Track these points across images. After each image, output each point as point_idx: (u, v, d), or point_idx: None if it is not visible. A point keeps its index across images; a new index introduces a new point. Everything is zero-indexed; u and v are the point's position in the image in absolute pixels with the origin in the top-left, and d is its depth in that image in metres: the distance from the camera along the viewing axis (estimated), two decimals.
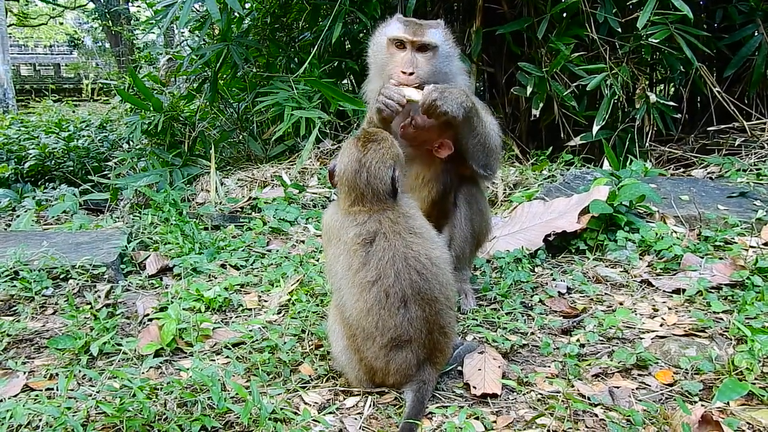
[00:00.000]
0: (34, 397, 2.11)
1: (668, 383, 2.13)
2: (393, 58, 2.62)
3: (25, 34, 33.12)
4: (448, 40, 2.69)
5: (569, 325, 2.62)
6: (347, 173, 2.09)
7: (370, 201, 2.07)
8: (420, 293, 2.00)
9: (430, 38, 2.59)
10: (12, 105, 14.07)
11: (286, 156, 5.79)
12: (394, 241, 2.02)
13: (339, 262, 2.05)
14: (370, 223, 2.05)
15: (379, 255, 2.00)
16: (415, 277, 2.00)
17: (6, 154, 7.94)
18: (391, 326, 1.97)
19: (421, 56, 2.59)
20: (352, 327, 2.03)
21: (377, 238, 2.02)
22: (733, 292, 2.78)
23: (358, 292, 2.00)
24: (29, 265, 3.16)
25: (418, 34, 2.58)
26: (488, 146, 2.68)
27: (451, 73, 2.70)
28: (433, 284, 2.03)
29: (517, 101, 5.99)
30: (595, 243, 3.45)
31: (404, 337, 1.99)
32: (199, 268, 3.39)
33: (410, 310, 1.99)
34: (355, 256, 2.01)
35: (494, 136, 2.71)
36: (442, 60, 2.63)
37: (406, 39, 2.58)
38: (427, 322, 2.01)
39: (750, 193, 3.93)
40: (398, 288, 1.97)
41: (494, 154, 2.74)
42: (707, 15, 5.78)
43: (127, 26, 17.11)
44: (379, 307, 1.97)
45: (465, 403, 2.07)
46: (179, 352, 2.49)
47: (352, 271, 2.01)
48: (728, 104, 5.27)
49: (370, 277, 1.99)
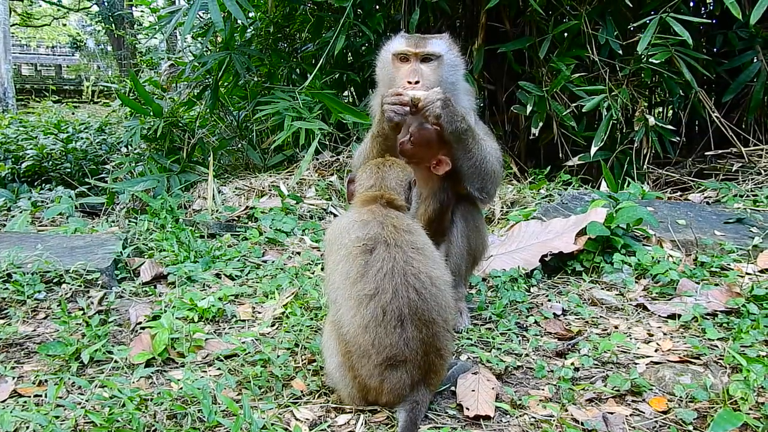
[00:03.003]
0: (22, 404, 2.09)
1: (662, 411, 2.12)
2: (398, 72, 2.64)
3: (27, 34, 33.16)
4: (453, 50, 2.71)
5: (564, 348, 2.61)
6: (366, 178, 2.24)
7: (381, 206, 2.14)
8: (417, 314, 1.98)
9: (433, 48, 2.62)
10: (12, 104, 14.06)
11: (284, 166, 5.79)
12: (394, 252, 2.01)
13: (338, 271, 2.04)
14: (373, 226, 2.05)
15: (378, 266, 1.99)
16: (413, 295, 1.98)
17: (3, 154, 7.91)
18: (387, 345, 1.95)
19: (425, 66, 2.61)
20: (348, 343, 2.01)
21: (378, 247, 2.01)
22: (728, 320, 2.78)
23: (356, 306, 1.98)
24: (22, 268, 3.14)
25: (420, 46, 2.61)
26: (484, 170, 2.65)
27: (457, 87, 2.72)
28: (431, 305, 2.01)
29: (517, 119, 6.02)
30: (591, 265, 3.45)
31: (399, 357, 1.97)
32: (193, 276, 3.37)
33: (407, 330, 1.97)
34: (354, 264, 2.00)
35: (492, 161, 2.67)
36: (447, 69, 2.66)
37: (410, 51, 2.61)
38: (423, 344, 1.99)
39: (747, 219, 3.94)
40: (395, 306, 1.96)
41: (491, 179, 2.70)
42: (707, 40, 5.84)
43: (130, 30, 17.16)
44: (376, 324, 1.95)
45: (458, 424, 2.05)
46: (171, 363, 2.47)
47: (350, 281, 1.99)
48: (726, 129, 5.31)
49: (367, 290, 1.97)
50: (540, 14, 5.39)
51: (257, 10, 6.54)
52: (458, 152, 2.61)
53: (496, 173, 2.73)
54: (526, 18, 5.64)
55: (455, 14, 6.31)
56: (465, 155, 2.61)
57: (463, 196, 2.83)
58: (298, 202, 4.81)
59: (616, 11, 5.43)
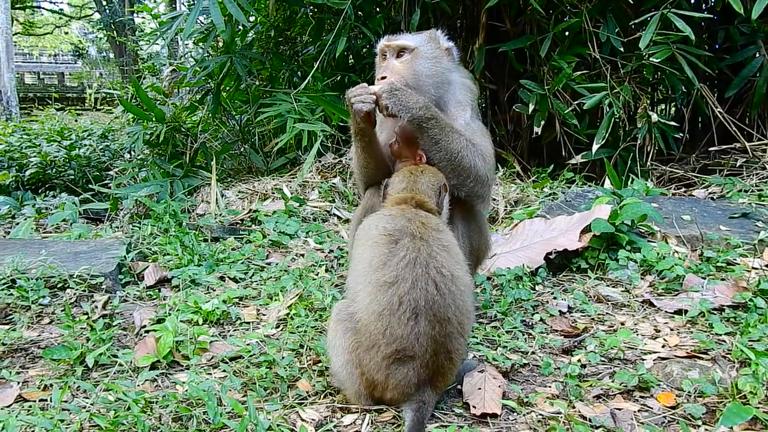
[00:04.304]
0: (28, 408, 2.08)
1: (671, 406, 2.10)
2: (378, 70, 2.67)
3: (30, 42, 33.33)
4: (432, 42, 2.66)
5: (570, 345, 2.59)
6: (398, 182, 2.34)
7: (411, 206, 2.20)
8: (433, 309, 1.96)
9: (405, 41, 2.61)
10: (15, 113, 14.10)
11: (287, 169, 5.79)
12: (419, 244, 2.02)
13: (362, 261, 2.07)
14: (401, 220, 2.09)
15: (401, 254, 2.00)
16: (431, 289, 1.97)
17: (7, 162, 7.94)
18: (398, 336, 1.94)
19: (398, 61, 2.61)
20: (359, 333, 2.01)
21: (403, 238, 2.03)
22: (735, 314, 2.76)
23: (374, 292, 1.98)
24: (27, 274, 3.14)
25: (392, 39, 2.63)
26: (460, 165, 2.49)
27: (442, 80, 2.66)
28: (449, 302, 2.00)
29: (519, 118, 6.01)
30: (596, 262, 3.44)
31: (408, 352, 1.96)
32: (197, 280, 3.37)
33: (419, 324, 1.95)
34: (378, 252, 2.02)
35: (470, 158, 2.50)
36: (423, 62, 2.61)
37: (383, 45, 2.64)
38: (434, 342, 1.97)
39: (752, 213, 3.92)
40: (412, 297, 1.95)
41: (471, 177, 2.52)
42: (709, 36, 5.81)
43: (131, 37, 17.22)
44: (390, 312, 1.95)
45: (464, 422, 2.04)
46: (176, 365, 2.46)
47: (372, 268, 2.01)
48: (730, 125, 5.28)
49: (387, 277, 1.97)
50: (540, 13, 5.37)
51: (258, 14, 6.54)
52: (424, 143, 2.51)
53: (478, 172, 2.54)
54: (527, 17, 5.63)
55: (455, 14, 6.30)
56: (432, 146, 2.48)
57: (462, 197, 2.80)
58: (301, 204, 4.81)
59: (617, 8, 5.41)
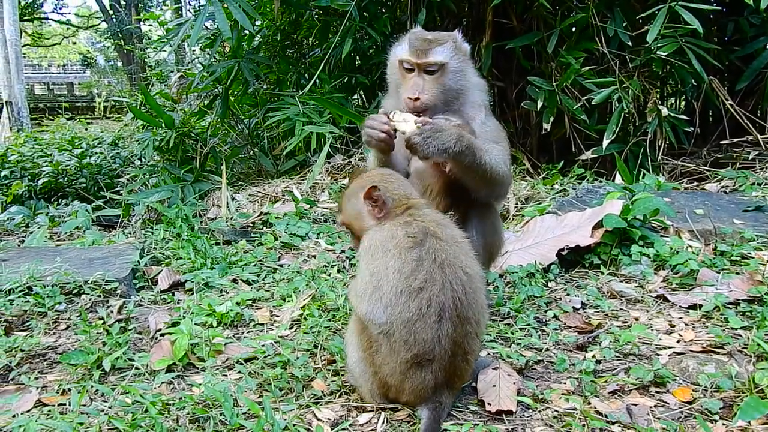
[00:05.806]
0: (47, 413, 2.11)
1: (687, 401, 2.09)
2: (404, 81, 2.65)
3: (39, 53, 33.69)
4: (458, 53, 2.66)
5: (584, 341, 2.58)
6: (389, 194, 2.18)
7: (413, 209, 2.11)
8: (457, 308, 1.95)
9: (436, 58, 2.59)
10: (26, 123, 14.27)
11: (297, 171, 5.81)
12: (443, 244, 2.00)
13: (390, 271, 1.96)
14: (417, 225, 2.04)
15: (432, 256, 1.96)
16: (458, 287, 1.95)
17: (20, 172, 8.03)
18: (422, 340, 1.91)
19: (429, 78, 2.59)
20: (379, 338, 1.98)
21: (427, 239, 1.99)
22: (751, 308, 2.74)
23: (404, 302, 1.92)
24: (42, 281, 3.17)
25: (422, 57, 2.58)
26: (491, 179, 2.55)
27: (464, 89, 2.69)
28: (471, 301, 1.99)
29: (528, 115, 5.99)
30: (609, 257, 3.42)
31: (428, 356, 1.93)
32: (210, 283, 3.39)
33: (443, 326, 1.93)
34: (407, 258, 1.95)
35: (499, 168, 2.55)
36: (452, 76, 2.63)
37: (412, 63, 2.60)
38: (453, 344, 1.95)
39: (766, 206, 3.88)
40: (441, 299, 1.92)
41: (499, 184, 2.63)
42: (718, 28, 5.78)
43: (138, 45, 17.36)
44: (419, 316, 1.91)
45: (480, 420, 2.04)
46: (191, 368, 2.48)
47: (403, 277, 1.94)
48: (741, 117, 5.24)
49: (419, 282, 1.93)
50: (547, 8, 5.36)
51: (264, 18, 6.58)
52: (457, 170, 2.54)
53: (505, 177, 2.64)
54: (533, 13, 5.62)
55: (461, 12, 6.30)
56: (467, 173, 2.53)
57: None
58: (311, 206, 4.82)
59: (624, 2, 5.38)
